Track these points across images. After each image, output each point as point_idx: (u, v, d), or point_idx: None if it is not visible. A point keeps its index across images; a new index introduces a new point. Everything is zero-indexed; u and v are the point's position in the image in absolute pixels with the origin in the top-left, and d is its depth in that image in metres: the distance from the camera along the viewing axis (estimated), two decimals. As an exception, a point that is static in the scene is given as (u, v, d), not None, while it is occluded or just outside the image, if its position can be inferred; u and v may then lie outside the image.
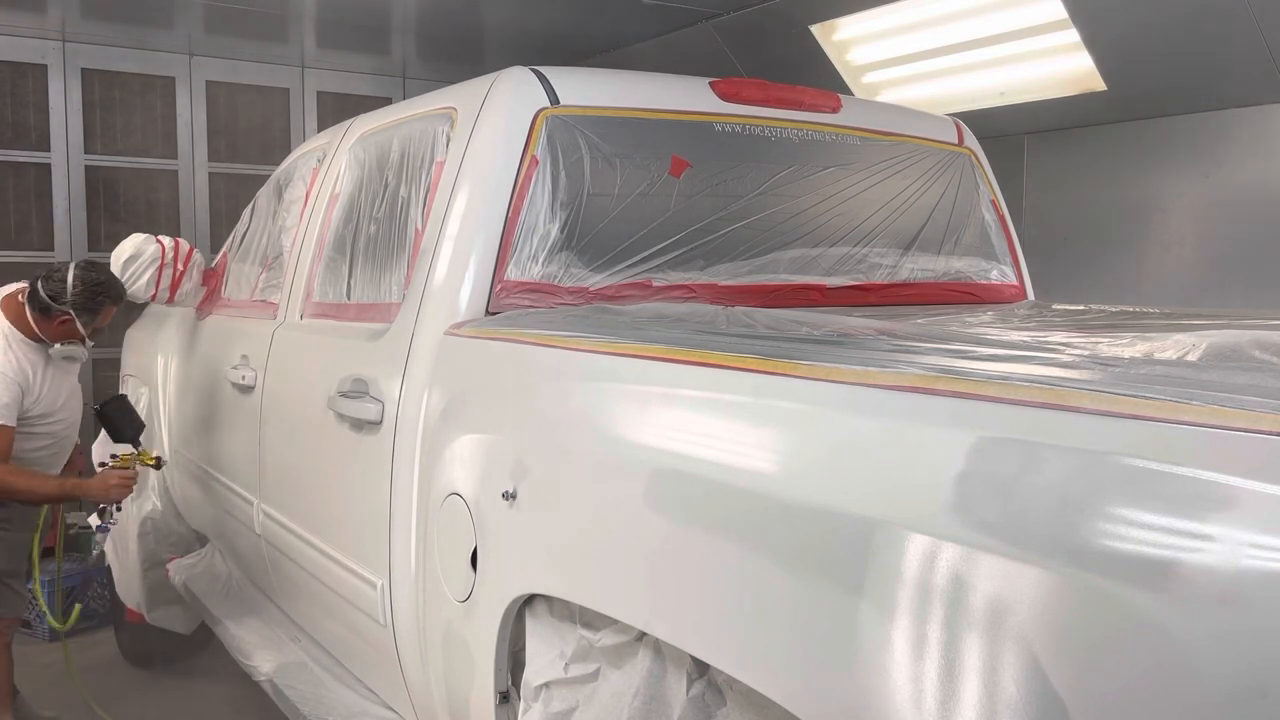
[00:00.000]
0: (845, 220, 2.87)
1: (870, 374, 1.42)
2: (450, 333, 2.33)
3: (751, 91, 2.79)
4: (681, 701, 1.65)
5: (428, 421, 2.28)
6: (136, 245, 3.89)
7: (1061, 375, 1.30)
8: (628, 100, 2.62)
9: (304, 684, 2.99)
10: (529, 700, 1.91)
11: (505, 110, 2.47)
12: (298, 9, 5.76)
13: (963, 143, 3.19)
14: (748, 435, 1.54)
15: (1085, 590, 1.06)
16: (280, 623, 3.40)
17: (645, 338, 1.88)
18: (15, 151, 6.16)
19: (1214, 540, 0.99)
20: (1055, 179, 5.05)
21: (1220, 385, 1.18)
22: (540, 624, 1.95)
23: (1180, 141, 4.54)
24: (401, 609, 2.38)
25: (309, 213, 3.29)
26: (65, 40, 6.20)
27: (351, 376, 2.61)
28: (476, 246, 2.38)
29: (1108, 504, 1.08)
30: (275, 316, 3.30)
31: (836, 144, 2.89)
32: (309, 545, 2.88)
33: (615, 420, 1.80)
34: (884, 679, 1.22)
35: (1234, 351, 1.57)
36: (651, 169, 2.59)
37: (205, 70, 6.64)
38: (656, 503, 1.62)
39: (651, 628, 1.63)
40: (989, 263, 3.16)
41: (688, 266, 2.59)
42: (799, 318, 2.21)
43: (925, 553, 1.19)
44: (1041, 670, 1.07)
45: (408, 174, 2.71)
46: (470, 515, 2.07)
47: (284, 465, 3.10)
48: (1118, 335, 1.81)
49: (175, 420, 4.24)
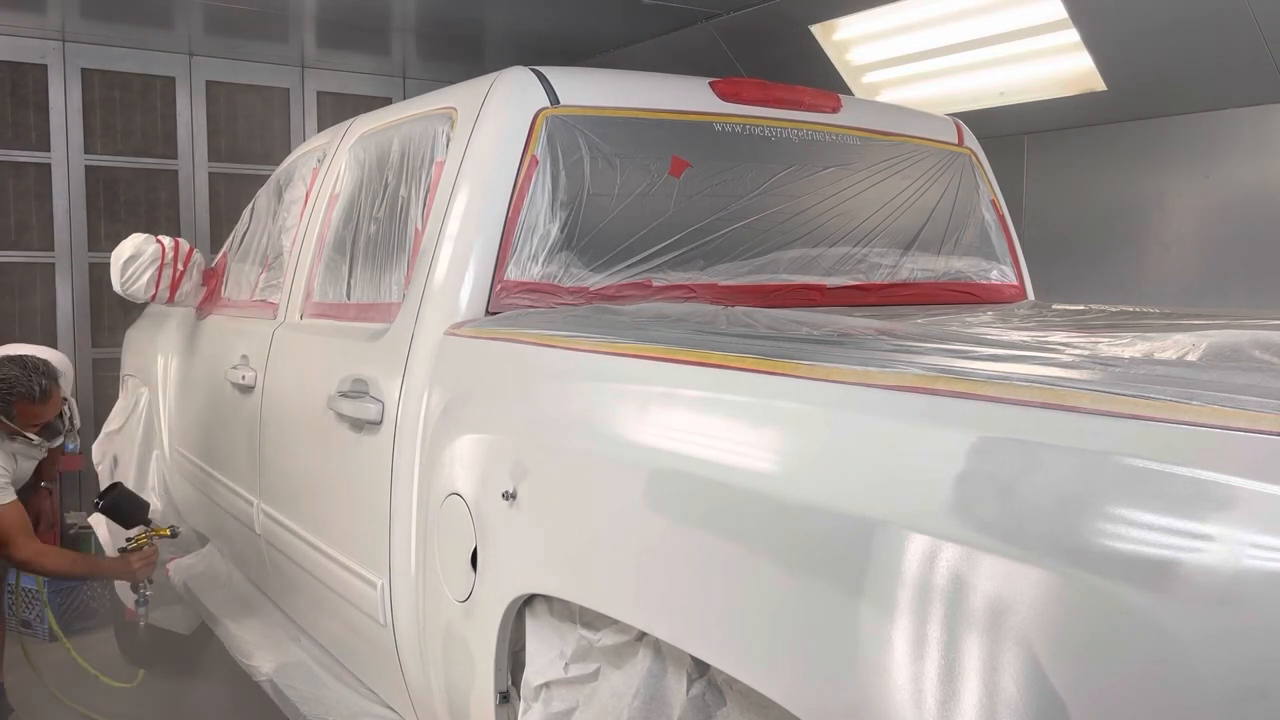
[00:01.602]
0: (845, 220, 2.87)
1: (870, 374, 1.42)
2: (450, 333, 2.33)
3: (751, 91, 2.79)
4: (681, 701, 1.65)
5: (428, 421, 2.28)
6: (136, 245, 3.89)
7: (1061, 375, 1.30)
8: (628, 100, 2.62)
9: (304, 684, 2.99)
10: (529, 700, 1.91)
11: (505, 110, 2.47)
12: (298, 9, 5.76)
13: (963, 143, 3.19)
14: (748, 435, 1.54)
15: (1085, 590, 1.06)
16: (280, 623, 3.40)
17: (645, 338, 1.88)
18: (15, 151, 6.16)
19: (1214, 540, 0.99)
20: (1055, 179, 5.04)
21: (1220, 385, 1.18)
22: (540, 624, 1.95)
23: (1180, 141, 4.53)
24: (401, 609, 2.38)
25: (309, 213, 3.29)
26: (65, 40, 6.20)
27: (351, 376, 2.61)
28: (476, 246, 2.38)
29: (1108, 504, 1.08)
30: (275, 316, 3.30)
31: (836, 144, 2.89)
32: (309, 545, 2.88)
33: (615, 420, 1.80)
34: (884, 679, 1.22)
35: (1234, 351, 1.57)
36: (651, 169, 2.59)
37: (205, 70, 6.64)
38: (657, 503, 1.62)
39: (651, 628, 1.63)
40: (989, 263, 3.16)
41: (688, 266, 2.59)
42: (799, 318, 2.21)
43: (925, 553, 1.19)
44: (1041, 670, 1.07)
45: (408, 174, 2.71)
46: (470, 515, 2.07)
47: (284, 465, 3.10)
48: (1118, 335, 1.81)
49: (175, 420, 4.24)
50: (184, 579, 4.06)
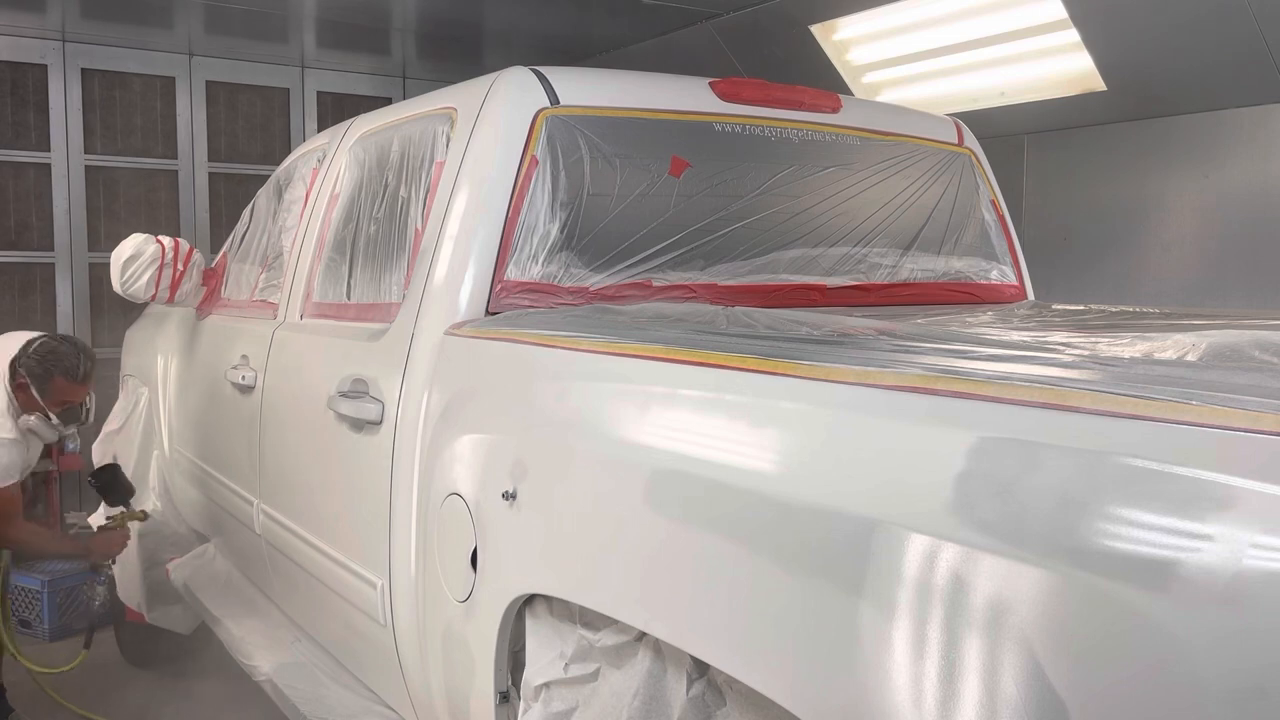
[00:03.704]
0: (845, 220, 2.87)
1: (870, 374, 1.42)
2: (450, 333, 2.33)
3: (751, 91, 2.79)
4: (681, 701, 1.65)
5: (428, 421, 2.28)
6: (136, 245, 3.89)
7: (1061, 375, 1.30)
8: (628, 100, 2.62)
9: (304, 684, 2.99)
10: (529, 700, 1.91)
11: (505, 110, 2.47)
12: (298, 9, 5.76)
13: (963, 143, 3.19)
14: (748, 435, 1.54)
15: (1085, 590, 1.06)
16: (280, 623, 3.40)
17: (645, 338, 1.88)
18: (15, 151, 6.16)
19: (1214, 540, 0.98)
20: (1055, 179, 5.04)
21: (1220, 385, 1.18)
22: (540, 624, 1.95)
23: (1180, 141, 4.53)
24: (401, 609, 2.38)
25: (309, 213, 3.29)
26: (65, 40, 6.20)
27: (351, 376, 2.61)
28: (476, 246, 2.38)
29: (1108, 504, 1.07)
30: (275, 316, 3.30)
31: (836, 144, 2.89)
32: (309, 545, 2.88)
33: (615, 420, 1.80)
34: (884, 679, 1.22)
35: (1234, 351, 1.57)
36: (651, 169, 2.59)
37: (205, 70, 6.64)
38: (656, 503, 1.62)
39: (651, 628, 1.63)
40: (989, 263, 3.16)
41: (688, 266, 2.59)
42: (799, 318, 2.21)
43: (925, 553, 1.19)
44: (1041, 670, 1.07)
45: (408, 174, 2.71)
46: (470, 515, 2.07)
47: (284, 465, 3.10)
48: (1118, 335, 1.81)
49: (175, 420, 4.24)
50: (184, 579, 4.06)
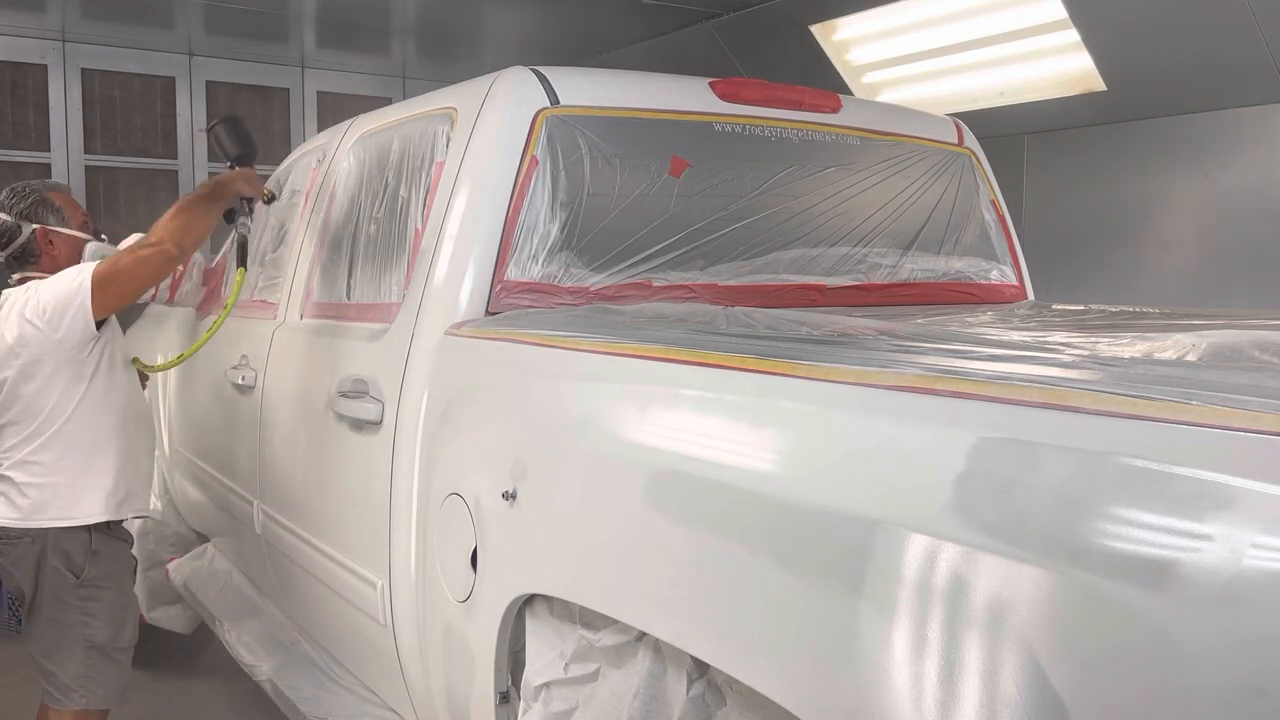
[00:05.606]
0: (845, 220, 2.87)
1: (870, 374, 1.42)
2: (450, 333, 2.33)
3: (751, 91, 2.79)
4: (681, 701, 1.65)
5: (428, 421, 2.28)
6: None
7: (1061, 375, 1.30)
8: (628, 100, 2.62)
9: (304, 684, 2.99)
10: (529, 700, 1.91)
11: (505, 110, 2.47)
12: (298, 9, 5.76)
13: (963, 143, 3.19)
14: (748, 435, 1.54)
15: (1085, 590, 1.06)
16: (280, 623, 3.40)
17: (645, 338, 1.88)
18: (15, 151, 6.16)
19: (1214, 540, 0.98)
20: (1055, 179, 5.04)
21: (1220, 385, 1.18)
22: (540, 624, 1.95)
23: (1180, 141, 4.53)
24: (401, 609, 2.38)
25: (309, 213, 3.29)
26: (65, 40, 6.20)
27: (351, 376, 2.61)
28: (476, 246, 2.38)
29: (1108, 504, 1.08)
30: (275, 316, 3.30)
31: (836, 144, 2.89)
32: (309, 545, 2.88)
33: (615, 420, 1.80)
34: (884, 679, 1.22)
35: (1234, 351, 1.57)
36: (651, 169, 2.59)
37: (205, 70, 6.64)
38: (656, 503, 1.62)
39: (651, 628, 1.63)
40: (989, 263, 3.16)
41: (688, 266, 2.59)
42: (799, 318, 2.21)
43: (925, 553, 1.19)
44: (1041, 670, 1.07)
45: (408, 174, 2.71)
46: (470, 515, 2.07)
47: (284, 465, 3.10)
48: (1118, 335, 1.81)
49: (175, 420, 4.24)
50: (184, 579, 4.06)
